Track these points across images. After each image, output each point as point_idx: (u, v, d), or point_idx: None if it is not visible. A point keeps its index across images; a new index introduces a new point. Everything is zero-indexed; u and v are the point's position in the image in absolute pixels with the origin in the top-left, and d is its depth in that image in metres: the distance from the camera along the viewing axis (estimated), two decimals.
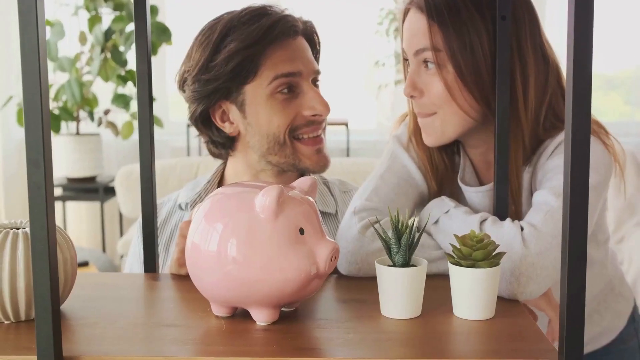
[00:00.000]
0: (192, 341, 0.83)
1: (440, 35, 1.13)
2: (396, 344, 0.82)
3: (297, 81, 1.28)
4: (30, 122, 0.69)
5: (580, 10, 0.69)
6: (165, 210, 1.40)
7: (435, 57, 1.13)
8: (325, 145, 1.34)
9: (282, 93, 1.27)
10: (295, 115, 1.28)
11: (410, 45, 1.18)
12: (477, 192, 1.20)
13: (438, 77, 1.14)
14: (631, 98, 3.74)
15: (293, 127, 1.28)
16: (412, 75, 1.17)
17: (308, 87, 1.29)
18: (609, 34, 3.45)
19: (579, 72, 0.70)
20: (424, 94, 1.16)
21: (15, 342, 0.83)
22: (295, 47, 1.29)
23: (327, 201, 1.37)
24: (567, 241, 0.72)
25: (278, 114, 1.27)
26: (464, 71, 1.12)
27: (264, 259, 0.82)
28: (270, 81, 1.26)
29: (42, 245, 0.71)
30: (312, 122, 1.29)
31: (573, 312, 0.73)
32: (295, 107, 1.28)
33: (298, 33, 1.30)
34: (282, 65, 1.26)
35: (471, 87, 1.13)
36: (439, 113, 1.16)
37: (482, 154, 1.24)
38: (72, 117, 3.23)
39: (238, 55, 1.24)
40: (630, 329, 1.40)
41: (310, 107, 1.28)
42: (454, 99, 1.14)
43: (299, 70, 1.27)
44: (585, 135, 0.71)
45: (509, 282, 0.98)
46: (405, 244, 0.89)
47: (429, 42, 1.14)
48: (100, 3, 3.08)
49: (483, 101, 1.13)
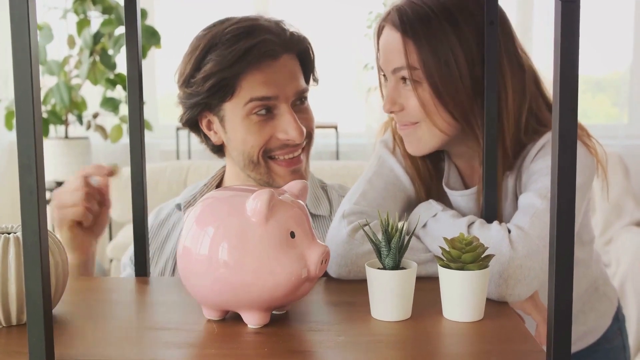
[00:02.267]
0: (184, 344, 0.83)
1: (416, 53, 1.14)
2: (387, 346, 0.83)
3: (274, 104, 1.27)
4: (23, 128, 0.69)
5: (567, 16, 0.70)
6: (165, 212, 1.41)
7: (411, 75, 1.15)
8: (304, 165, 1.33)
9: (258, 114, 1.27)
10: (270, 137, 1.28)
11: (387, 63, 1.19)
12: (462, 195, 1.22)
13: (413, 94, 1.15)
14: (619, 100, 3.76)
15: (267, 148, 1.29)
16: (391, 92, 1.18)
17: (285, 110, 1.27)
18: (597, 36, 3.47)
19: (565, 76, 0.71)
20: (403, 108, 1.18)
21: (6, 346, 0.83)
22: (275, 69, 1.27)
23: (321, 204, 1.37)
24: (555, 243, 0.73)
25: (253, 135, 1.27)
26: (440, 88, 1.13)
27: (255, 262, 0.83)
28: (245, 103, 1.26)
29: (34, 250, 0.71)
30: (287, 145, 1.29)
31: (561, 313, 0.74)
32: (270, 129, 1.28)
33: (278, 54, 1.27)
34: (258, 89, 1.25)
35: (447, 104, 1.14)
36: (419, 124, 1.18)
37: (466, 160, 1.26)
38: (60, 121, 3.22)
39: (214, 76, 1.24)
40: (615, 329, 1.42)
41: (284, 131, 1.27)
42: (429, 116, 1.15)
43: (275, 94, 1.26)
44: (572, 139, 0.72)
45: (498, 284, 0.99)
46: (395, 246, 0.90)
47: (404, 61, 1.14)
48: (89, 6, 3.07)
49: (460, 117, 1.15)
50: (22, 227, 0.71)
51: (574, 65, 0.71)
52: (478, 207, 1.21)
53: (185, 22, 3.69)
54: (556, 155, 0.72)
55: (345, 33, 3.75)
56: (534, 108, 1.19)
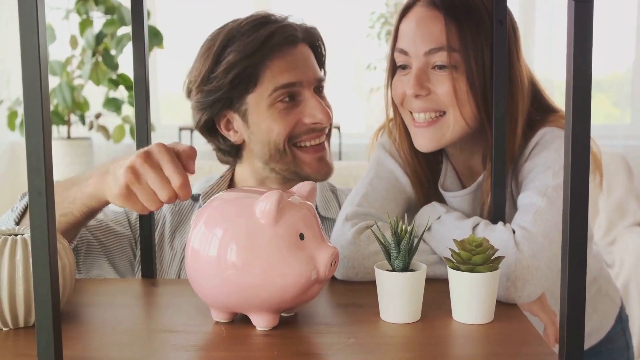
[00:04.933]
0: (193, 347, 0.83)
1: (457, 36, 1.11)
2: (396, 348, 0.82)
3: (298, 90, 1.28)
4: (32, 129, 0.69)
5: (580, 16, 0.70)
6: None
7: (449, 58, 1.11)
8: (328, 153, 1.34)
9: (283, 102, 1.27)
10: (296, 123, 1.28)
11: (420, 43, 1.14)
12: (454, 197, 1.21)
13: (448, 78, 1.12)
14: (619, 101, 3.76)
15: (293, 134, 1.28)
16: (419, 75, 1.14)
17: (309, 95, 1.29)
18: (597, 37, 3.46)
19: (579, 77, 0.71)
20: (430, 93, 1.15)
21: (14, 349, 0.83)
22: (295, 56, 1.28)
23: (331, 207, 1.37)
24: (568, 244, 0.73)
25: (278, 122, 1.27)
26: (475, 77, 1.12)
27: (264, 264, 0.82)
28: (270, 92, 1.27)
29: (43, 252, 0.71)
30: (313, 129, 1.29)
31: (573, 314, 0.73)
32: (296, 115, 1.28)
33: (297, 41, 1.29)
34: (281, 76, 1.26)
35: (476, 95, 1.12)
36: (445, 116, 1.15)
37: (465, 160, 1.25)
38: (63, 121, 3.21)
39: (237, 67, 1.25)
40: (618, 329, 1.42)
41: (311, 115, 1.28)
42: (459, 104, 1.13)
43: (299, 79, 1.27)
44: (586, 139, 0.72)
45: (506, 287, 0.98)
46: (404, 248, 0.89)
47: (444, 41, 1.11)
48: (91, 7, 3.06)
49: (485, 110, 1.13)
50: (30, 229, 0.71)
51: (587, 65, 0.71)
52: (471, 209, 1.21)
53: (187, 23, 3.68)
54: (569, 157, 0.72)
55: (347, 33, 3.75)
56: (530, 113, 1.19)
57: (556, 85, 3.33)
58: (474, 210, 1.21)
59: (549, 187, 1.06)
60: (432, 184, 1.25)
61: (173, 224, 1.35)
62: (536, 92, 1.22)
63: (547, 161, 1.09)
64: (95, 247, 1.25)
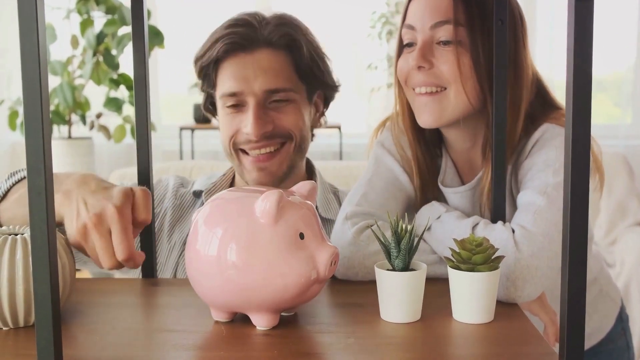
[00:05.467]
0: (193, 346, 0.83)
1: (464, 11, 1.11)
2: (397, 348, 0.82)
3: (242, 99, 1.30)
4: (31, 129, 0.69)
5: (581, 15, 0.70)
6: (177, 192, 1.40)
7: (455, 33, 1.11)
8: (281, 166, 1.32)
9: (229, 107, 1.31)
10: (237, 130, 1.31)
11: (426, 17, 1.14)
12: (455, 192, 1.21)
13: (452, 53, 1.12)
14: (620, 100, 3.76)
15: (235, 141, 1.32)
16: (424, 47, 1.14)
17: (251, 106, 1.28)
18: (598, 36, 3.46)
19: (579, 76, 0.71)
20: (433, 67, 1.14)
21: (14, 348, 0.82)
22: (246, 64, 1.28)
23: (332, 208, 1.37)
24: (568, 244, 0.73)
25: (225, 126, 1.32)
26: (480, 54, 1.11)
27: (264, 264, 0.82)
28: (220, 95, 1.32)
29: (43, 251, 0.71)
30: (250, 140, 1.30)
31: (574, 313, 0.73)
32: (238, 122, 1.31)
33: (255, 47, 1.29)
34: (227, 83, 1.30)
35: (480, 73, 1.12)
36: (446, 91, 1.15)
37: (465, 153, 1.24)
38: (64, 121, 3.22)
39: (201, 63, 1.32)
40: (618, 329, 1.42)
41: (245, 126, 1.29)
42: (462, 80, 1.12)
43: (240, 90, 1.28)
44: (586, 138, 0.72)
45: (506, 287, 0.98)
46: (405, 248, 0.89)
47: (450, 14, 1.11)
48: (92, 6, 3.07)
49: (489, 89, 1.13)
50: (30, 229, 0.71)
51: (587, 64, 0.71)
52: (471, 205, 1.21)
53: (187, 22, 3.68)
54: (569, 157, 0.72)
55: (348, 33, 3.75)
56: (531, 109, 1.18)
57: (557, 85, 3.33)
58: (474, 207, 1.21)
59: (549, 185, 1.05)
60: (432, 178, 1.25)
61: (173, 218, 1.36)
62: (540, 86, 1.22)
63: (547, 159, 1.09)
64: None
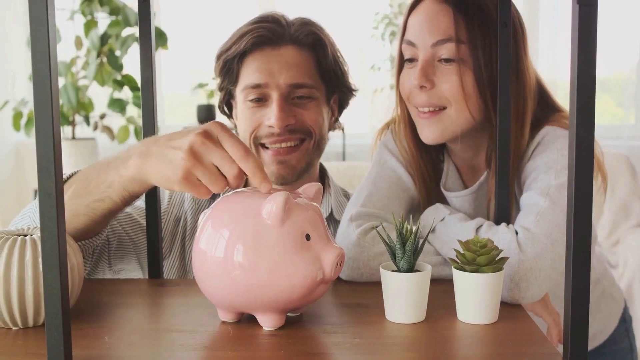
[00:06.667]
0: (200, 346, 0.83)
1: (465, 28, 1.12)
2: (402, 348, 0.83)
3: (266, 92, 1.31)
4: (42, 131, 0.69)
5: (584, 19, 0.71)
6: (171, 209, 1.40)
7: (457, 50, 1.12)
8: (301, 162, 1.34)
9: (252, 101, 1.32)
10: (259, 124, 1.32)
11: (427, 35, 1.14)
12: (456, 197, 1.22)
13: (455, 71, 1.12)
14: (624, 101, 3.76)
15: (257, 135, 1.33)
16: (425, 67, 1.14)
17: (275, 99, 1.30)
18: (601, 37, 3.47)
19: (582, 79, 0.72)
20: (434, 86, 1.15)
21: (24, 348, 0.83)
22: (272, 58, 1.31)
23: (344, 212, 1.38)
24: (572, 245, 0.73)
25: (246, 120, 1.33)
26: (482, 69, 1.12)
27: (270, 264, 0.83)
28: (242, 89, 1.33)
29: (53, 252, 0.71)
30: (272, 134, 1.31)
31: (577, 314, 0.74)
32: (260, 116, 1.32)
33: (281, 43, 1.32)
34: (252, 76, 1.31)
35: (483, 89, 1.13)
36: (446, 110, 1.15)
37: (468, 160, 1.25)
38: (67, 122, 3.23)
39: (225, 57, 1.34)
40: (622, 330, 1.42)
41: (268, 118, 1.31)
42: (465, 98, 1.13)
43: (265, 82, 1.30)
44: (589, 140, 0.72)
45: (510, 288, 0.99)
46: (410, 249, 0.90)
47: (452, 33, 1.12)
48: (96, 7, 3.07)
49: (492, 104, 1.14)
50: (40, 230, 0.71)
51: (591, 68, 0.71)
52: (473, 209, 1.21)
53: (191, 23, 3.69)
54: (573, 158, 0.72)
55: (351, 34, 3.76)
56: (536, 113, 1.19)
57: (560, 86, 3.34)
58: (475, 210, 1.22)
59: (552, 187, 1.06)
60: (435, 182, 1.26)
61: (193, 220, 1.37)
62: (541, 91, 1.22)
63: (549, 161, 1.10)
64: (126, 242, 1.25)
